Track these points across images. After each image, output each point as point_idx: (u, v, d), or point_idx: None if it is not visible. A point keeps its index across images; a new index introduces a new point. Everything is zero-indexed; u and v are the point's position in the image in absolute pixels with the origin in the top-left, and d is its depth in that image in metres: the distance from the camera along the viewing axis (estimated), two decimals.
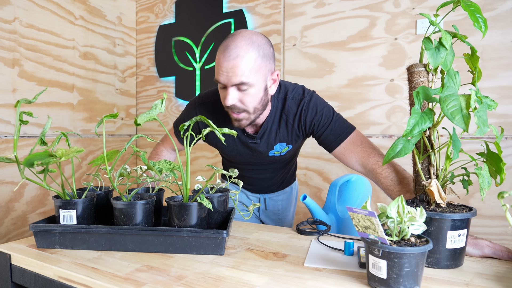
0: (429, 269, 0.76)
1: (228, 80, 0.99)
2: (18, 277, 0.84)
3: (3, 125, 1.87)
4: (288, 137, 1.19)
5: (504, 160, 0.72)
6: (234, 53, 0.97)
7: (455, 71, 0.74)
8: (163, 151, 1.35)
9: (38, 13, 2.00)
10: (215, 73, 1.05)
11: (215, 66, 1.04)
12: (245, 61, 0.98)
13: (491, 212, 1.64)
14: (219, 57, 1.00)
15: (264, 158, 1.25)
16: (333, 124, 1.13)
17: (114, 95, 2.51)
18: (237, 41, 0.99)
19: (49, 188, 0.90)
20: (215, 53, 2.35)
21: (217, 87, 1.23)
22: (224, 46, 1.00)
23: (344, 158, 1.14)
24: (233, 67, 0.97)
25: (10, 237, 1.92)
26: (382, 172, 1.02)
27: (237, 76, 0.98)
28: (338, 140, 1.13)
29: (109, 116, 0.83)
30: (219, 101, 1.18)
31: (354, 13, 1.91)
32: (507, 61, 1.61)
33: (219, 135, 0.86)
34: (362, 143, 1.11)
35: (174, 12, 2.52)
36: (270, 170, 1.35)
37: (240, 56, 0.97)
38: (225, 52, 0.98)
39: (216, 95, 1.20)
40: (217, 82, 1.03)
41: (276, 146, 1.20)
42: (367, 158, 1.08)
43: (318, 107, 1.14)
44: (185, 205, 0.86)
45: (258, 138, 1.18)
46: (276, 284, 0.70)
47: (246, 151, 1.23)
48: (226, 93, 1.02)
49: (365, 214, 0.66)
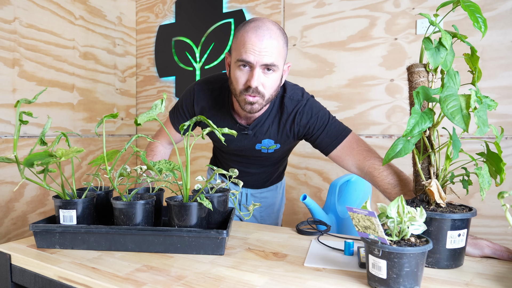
0: (429, 269, 0.76)
1: (259, 59, 0.98)
2: (18, 277, 0.84)
3: (3, 125, 1.87)
4: (277, 135, 1.19)
5: (504, 160, 0.72)
6: (267, 33, 0.97)
7: (455, 71, 0.74)
8: (158, 147, 1.34)
9: (38, 13, 2.00)
10: (236, 53, 1.02)
11: (238, 46, 1.01)
12: (276, 43, 0.99)
13: (491, 212, 1.64)
14: (249, 36, 0.98)
15: (251, 152, 1.25)
16: (329, 127, 1.13)
17: (114, 95, 2.51)
18: (267, 23, 1.00)
19: (49, 188, 0.90)
20: (215, 53, 2.35)
21: (214, 75, 1.25)
22: (254, 27, 0.99)
23: (340, 161, 1.14)
24: (267, 46, 0.97)
25: (10, 237, 1.92)
26: (379, 175, 1.02)
27: (270, 57, 0.98)
28: (334, 143, 1.13)
29: (109, 116, 0.83)
30: (216, 90, 1.18)
31: (354, 13, 1.91)
32: (507, 61, 1.61)
33: (219, 135, 0.86)
34: (358, 146, 1.11)
35: (174, 12, 2.52)
36: (256, 166, 1.35)
37: (273, 37, 0.98)
38: (258, 31, 0.98)
39: (214, 83, 1.19)
40: (241, 62, 1.00)
41: (264, 141, 1.20)
42: (363, 161, 1.08)
43: (313, 110, 1.14)
44: (185, 205, 0.86)
45: (250, 129, 1.17)
46: (276, 284, 0.70)
47: (235, 141, 1.22)
48: (251, 74, 1.00)
49: (365, 214, 0.66)
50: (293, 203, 2.11)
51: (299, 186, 2.09)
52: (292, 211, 2.11)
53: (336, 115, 1.96)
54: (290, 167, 2.10)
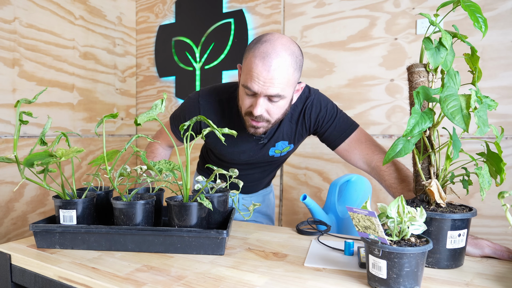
0: (429, 269, 0.76)
1: (264, 90, 0.93)
2: (18, 277, 0.84)
3: (3, 125, 1.87)
4: (291, 135, 1.17)
5: (504, 160, 0.72)
6: (275, 63, 0.91)
7: (455, 71, 0.74)
8: (159, 149, 1.32)
9: (38, 13, 2.00)
10: (243, 77, 0.97)
11: (246, 70, 0.96)
12: (284, 73, 0.92)
13: (491, 212, 1.64)
14: (256, 64, 0.92)
15: (263, 158, 1.23)
16: (337, 121, 1.12)
17: (114, 95, 2.51)
18: (278, 49, 0.92)
19: (49, 188, 0.90)
20: (215, 53, 2.35)
21: (219, 85, 1.20)
22: (262, 53, 0.92)
23: (347, 155, 1.13)
24: (273, 78, 0.91)
25: (10, 237, 1.92)
26: (387, 169, 1.02)
27: (275, 88, 0.93)
28: (343, 136, 1.12)
29: (109, 116, 0.83)
30: (224, 101, 1.14)
31: (354, 13, 1.91)
32: (507, 61, 1.61)
33: (219, 135, 0.86)
34: (366, 141, 1.11)
35: (174, 12, 2.52)
36: (260, 170, 1.32)
37: (281, 67, 0.91)
38: (265, 60, 0.91)
39: (221, 94, 1.15)
40: (246, 88, 0.96)
41: (278, 144, 1.18)
42: (371, 155, 1.08)
43: (322, 103, 1.13)
44: (185, 205, 0.86)
45: (265, 138, 1.15)
46: (276, 284, 0.70)
47: (249, 151, 1.19)
48: (255, 102, 0.96)
49: (365, 214, 0.66)
50: (293, 203, 2.11)
51: (299, 186, 2.09)
52: (292, 211, 2.11)
53: None
54: (290, 167, 2.10)
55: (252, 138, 1.15)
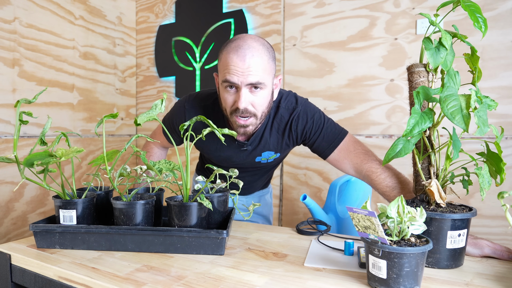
0: (429, 269, 0.76)
1: (243, 80, 0.96)
2: (18, 277, 0.84)
3: (3, 125, 1.87)
4: (277, 146, 1.17)
5: (504, 160, 0.72)
6: (249, 52, 0.95)
7: (455, 71, 0.74)
8: (154, 148, 1.33)
9: (38, 13, 2.00)
10: (221, 74, 1.00)
11: (222, 68, 0.99)
12: (260, 61, 0.96)
13: (491, 212, 1.64)
14: (231, 57, 0.96)
15: (250, 164, 1.23)
16: (325, 131, 1.12)
17: (114, 95, 2.51)
18: (248, 41, 0.97)
19: (49, 188, 0.90)
20: (215, 53, 2.35)
21: (205, 90, 1.20)
22: (235, 47, 0.97)
23: (338, 165, 1.14)
24: (250, 66, 0.95)
25: (10, 237, 1.92)
26: (377, 178, 1.02)
27: (254, 76, 0.96)
28: (331, 147, 1.12)
29: (109, 116, 0.83)
30: (209, 107, 1.15)
31: (354, 13, 1.91)
32: (507, 61, 1.61)
33: (219, 135, 0.86)
34: (355, 149, 1.10)
35: (174, 12, 2.52)
36: (250, 174, 1.32)
37: (256, 55, 0.96)
38: (239, 51, 0.96)
39: (206, 100, 1.16)
40: (227, 83, 0.98)
41: (264, 153, 1.19)
42: (360, 164, 1.07)
43: (308, 115, 1.12)
44: (185, 205, 0.86)
45: (249, 145, 1.15)
46: (276, 284, 0.70)
47: (233, 157, 1.20)
48: (238, 96, 0.98)
49: (365, 214, 0.66)
50: (293, 203, 2.11)
51: (299, 186, 2.09)
52: (292, 211, 2.11)
53: (336, 115, 1.96)
54: (290, 167, 2.10)
55: (235, 144, 1.15)
